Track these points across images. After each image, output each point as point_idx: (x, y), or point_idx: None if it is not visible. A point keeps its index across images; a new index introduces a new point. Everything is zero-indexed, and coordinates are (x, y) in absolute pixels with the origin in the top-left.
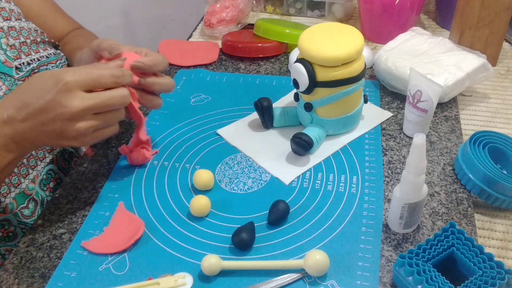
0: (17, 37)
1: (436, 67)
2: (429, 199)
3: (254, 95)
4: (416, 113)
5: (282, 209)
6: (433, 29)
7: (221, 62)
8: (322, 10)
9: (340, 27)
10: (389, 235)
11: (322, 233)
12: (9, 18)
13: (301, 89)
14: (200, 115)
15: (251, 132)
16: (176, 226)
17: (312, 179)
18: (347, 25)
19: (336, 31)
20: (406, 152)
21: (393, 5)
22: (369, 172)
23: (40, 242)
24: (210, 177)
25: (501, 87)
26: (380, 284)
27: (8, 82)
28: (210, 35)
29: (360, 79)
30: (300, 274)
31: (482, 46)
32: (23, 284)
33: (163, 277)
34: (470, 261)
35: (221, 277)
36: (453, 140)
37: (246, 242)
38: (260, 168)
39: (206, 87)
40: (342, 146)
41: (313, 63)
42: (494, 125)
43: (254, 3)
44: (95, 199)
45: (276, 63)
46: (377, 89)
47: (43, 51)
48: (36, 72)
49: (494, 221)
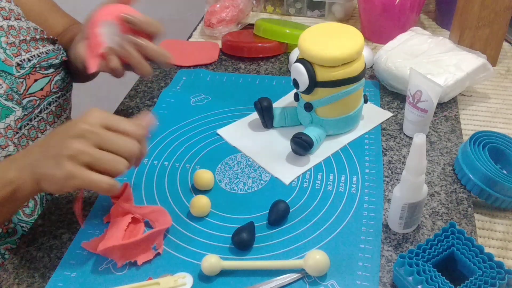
0: (17, 35)
1: (436, 67)
2: (429, 199)
3: (254, 95)
4: (416, 113)
5: (282, 209)
6: (433, 29)
7: (221, 62)
8: (322, 10)
9: (340, 27)
10: (389, 235)
11: (322, 233)
12: (9, 18)
13: (301, 89)
14: (200, 115)
15: (251, 132)
16: (176, 226)
17: (312, 179)
18: (347, 25)
19: (336, 31)
20: (406, 152)
21: (393, 5)
22: (369, 172)
23: (40, 242)
24: (210, 177)
25: (501, 87)
26: (380, 284)
27: (8, 80)
28: (210, 35)
29: (360, 79)
30: (300, 274)
31: (482, 46)
32: (23, 284)
33: (163, 277)
34: (470, 261)
35: (221, 277)
36: (453, 140)
37: (246, 242)
38: (260, 168)
39: (206, 87)
40: (342, 146)
41: (313, 63)
42: (494, 125)
43: (254, 3)
44: (95, 199)
45: (276, 63)
46: (377, 89)
47: (42, 48)
48: (37, 68)
49: (494, 221)
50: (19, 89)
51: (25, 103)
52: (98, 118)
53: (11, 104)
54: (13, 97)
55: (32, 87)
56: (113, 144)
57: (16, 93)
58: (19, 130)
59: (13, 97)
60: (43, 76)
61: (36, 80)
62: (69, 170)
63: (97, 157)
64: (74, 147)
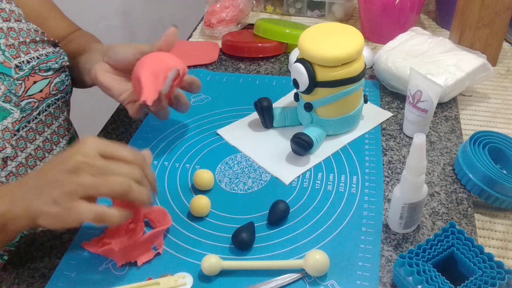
0: (16, 37)
1: (436, 67)
2: (429, 199)
3: (254, 95)
4: (416, 113)
5: (282, 209)
6: (433, 29)
7: (221, 62)
8: (322, 10)
9: (340, 27)
10: (389, 235)
11: (322, 233)
12: (9, 19)
13: (301, 89)
14: (200, 115)
15: (251, 132)
16: (176, 226)
17: (312, 179)
18: (347, 25)
19: (336, 31)
20: (406, 152)
21: (393, 5)
22: (369, 172)
23: (40, 242)
24: (210, 177)
25: (501, 87)
26: (380, 284)
27: (7, 82)
28: (210, 35)
29: (360, 79)
30: (300, 274)
31: (482, 46)
32: (23, 284)
33: (163, 277)
34: (470, 261)
35: (221, 277)
36: (453, 140)
37: (246, 242)
38: (260, 168)
39: (206, 87)
40: (342, 146)
41: (313, 63)
42: (494, 125)
43: (254, 3)
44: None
45: (276, 63)
46: (377, 89)
47: (42, 50)
48: (36, 70)
49: (494, 221)
50: (18, 91)
51: (24, 105)
52: (94, 147)
53: (8, 106)
54: (11, 99)
55: (31, 89)
56: (113, 172)
57: (14, 95)
58: (16, 132)
59: (11, 99)
60: (42, 78)
61: (36, 82)
62: (68, 206)
63: (96, 183)
64: (70, 181)
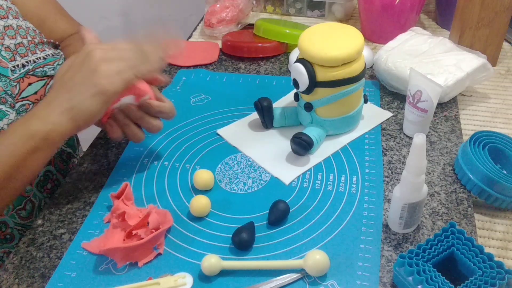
0: (14, 36)
1: (436, 67)
2: (429, 199)
3: (254, 95)
4: (416, 113)
5: (282, 209)
6: (433, 29)
7: (221, 62)
8: (322, 10)
9: (340, 27)
10: (389, 235)
11: (322, 233)
12: (7, 17)
13: (301, 89)
14: (200, 115)
15: (251, 132)
16: (176, 226)
17: (312, 179)
18: (347, 25)
19: (336, 31)
20: (406, 152)
21: (393, 5)
22: (369, 172)
23: (40, 242)
24: (210, 177)
25: (501, 87)
26: (380, 284)
27: (2, 82)
28: (210, 35)
29: (360, 79)
30: (300, 274)
31: (482, 46)
32: (23, 284)
33: (163, 277)
34: (470, 261)
35: (221, 277)
36: (453, 140)
37: (246, 242)
38: (260, 168)
39: (206, 87)
40: (342, 146)
41: (313, 63)
42: (494, 125)
43: (254, 3)
44: (95, 199)
45: (276, 63)
46: (377, 89)
47: (41, 52)
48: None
49: (494, 221)
50: (13, 92)
51: (18, 107)
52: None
53: (4, 108)
54: (6, 100)
55: (26, 91)
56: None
57: (10, 96)
58: None
59: (7, 100)
60: (38, 79)
61: (31, 83)
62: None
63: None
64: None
